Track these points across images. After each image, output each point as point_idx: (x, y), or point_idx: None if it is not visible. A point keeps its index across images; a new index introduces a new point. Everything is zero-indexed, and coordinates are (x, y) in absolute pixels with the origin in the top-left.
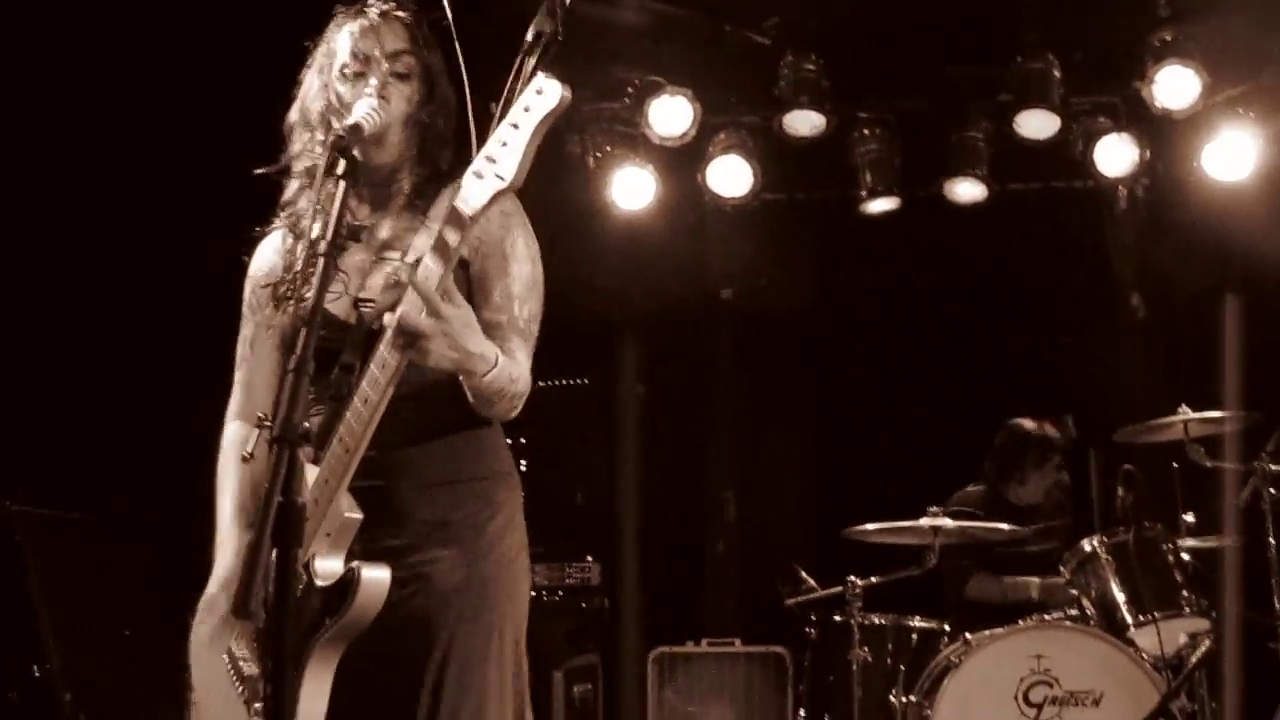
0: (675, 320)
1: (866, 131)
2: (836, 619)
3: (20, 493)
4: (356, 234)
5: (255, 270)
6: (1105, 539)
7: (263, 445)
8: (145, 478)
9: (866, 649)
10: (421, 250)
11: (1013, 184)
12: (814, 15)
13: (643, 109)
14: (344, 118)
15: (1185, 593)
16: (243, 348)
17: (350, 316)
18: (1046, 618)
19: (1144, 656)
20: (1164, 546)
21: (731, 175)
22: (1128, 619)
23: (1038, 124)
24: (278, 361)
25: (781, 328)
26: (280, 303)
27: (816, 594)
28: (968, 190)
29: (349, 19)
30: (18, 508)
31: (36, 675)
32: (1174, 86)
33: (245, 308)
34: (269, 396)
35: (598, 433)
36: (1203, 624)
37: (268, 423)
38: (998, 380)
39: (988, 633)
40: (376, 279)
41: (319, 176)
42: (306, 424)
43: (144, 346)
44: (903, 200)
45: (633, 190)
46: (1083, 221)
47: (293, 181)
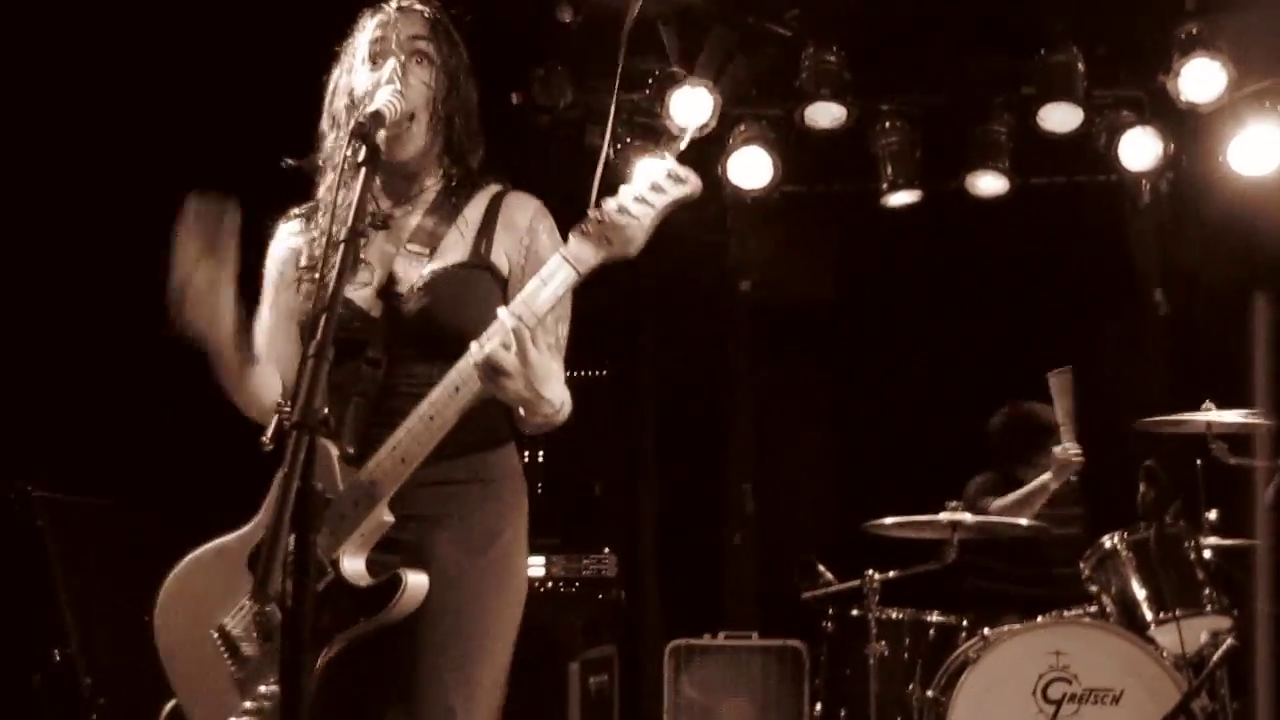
0: (694, 312)
1: (888, 124)
2: (854, 613)
3: (41, 478)
4: (381, 223)
5: (275, 250)
6: (1126, 535)
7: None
8: (165, 462)
9: (884, 643)
10: (455, 251)
11: (1035, 178)
12: (836, 6)
13: (663, 100)
14: (365, 107)
15: (1207, 590)
16: (263, 322)
17: (373, 307)
18: (1066, 614)
19: (1164, 654)
20: (1186, 544)
21: (752, 167)
22: (1148, 616)
23: (1061, 117)
24: (296, 344)
25: (801, 320)
26: (301, 287)
27: (834, 587)
28: (989, 184)
29: (371, 16)
30: (39, 493)
31: (57, 659)
32: (1200, 80)
33: (267, 283)
34: (287, 370)
35: (616, 424)
36: (1224, 622)
37: (286, 408)
38: (1018, 374)
39: (1006, 628)
40: (403, 271)
41: (340, 164)
42: (325, 410)
43: (164, 330)
44: (924, 193)
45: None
46: (1105, 216)
47: (324, 180)
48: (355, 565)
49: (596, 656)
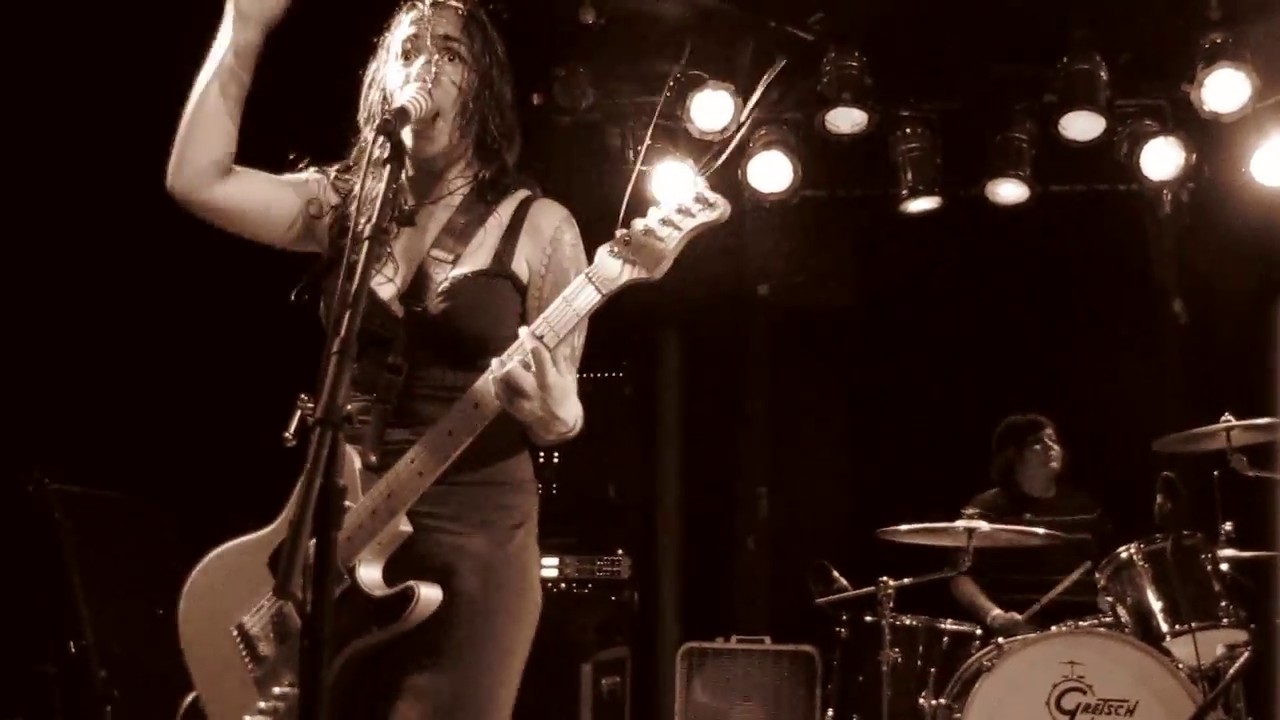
0: (712, 316)
1: (908, 130)
2: (867, 619)
3: (57, 469)
4: (407, 219)
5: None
6: (1142, 546)
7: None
8: (180, 455)
9: (897, 650)
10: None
11: (1055, 186)
12: (858, 12)
13: (684, 103)
14: (391, 104)
15: (1223, 603)
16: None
17: (395, 307)
18: (1081, 624)
19: (1180, 666)
20: (1203, 556)
21: (772, 171)
22: (1164, 628)
23: (1083, 125)
24: (271, 188)
25: (819, 325)
26: (327, 280)
27: (848, 593)
28: (1010, 191)
29: (407, 11)
30: (55, 485)
31: (72, 651)
32: (1224, 89)
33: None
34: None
35: (632, 427)
36: (1241, 635)
37: (309, 404)
38: (1036, 382)
39: (1020, 637)
40: (431, 274)
41: (365, 161)
42: (349, 407)
43: (177, 326)
44: (943, 200)
45: (673, 183)
46: (1126, 226)
47: (356, 173)
48: (371, 574)
49: (609, 658)
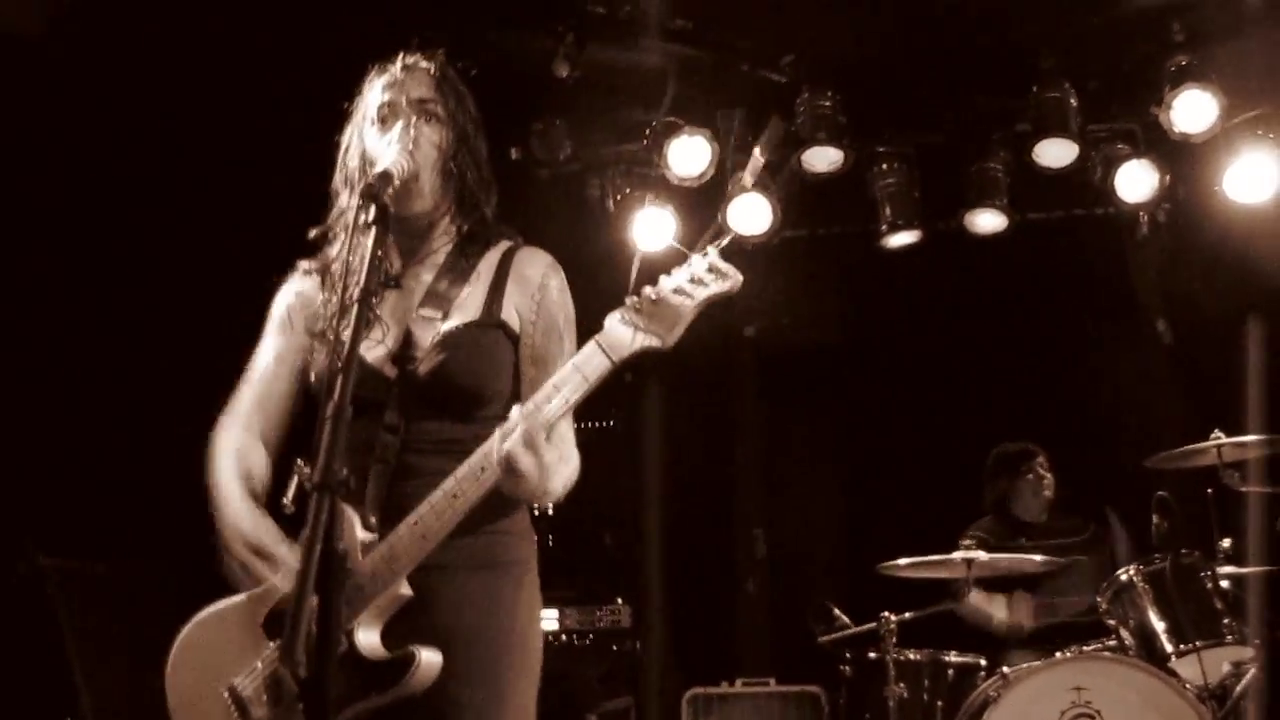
0: (700, 359)
1: (885, 165)
2: (871, 656)
3: (48, 543)
4: (395, 282)
5: (282, 297)
6: (1142, 568)
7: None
8: (170, 524)
9: (903, 685)
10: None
11: (1033, 213)
12: (829, 52)
13: (661, 150)
14: (374, 168)
15: (1226, 620)
16: (264, 361)
17: (388, 368)
18: (1085, 649)
19: (1187, 686)
20: (1202, 573)
21: (752, 213)
22: (1168, 648)
23: (1056, 152)
24: (288, 386)
25: (807, 364)
26: (316, 347)
27: (850, 631)
28: (988, 221)
29: (379, 75)
30: (49, 560)
31: None
32: (1192, 110)
33: (271, 325)
34: (278, 417)
35: (625, 474)
36: (1246, 652)
37: (306, 470)
38: (1026, 409)
39: (1025, 666)
40: (421, 331)
41: (351, 225)
42: (345, 470)
43: (166, 398)
44: (924, 233)
45: (653, 231)
46: (1105, 249)
47: (336, 240)
48: (370, 638)
49: (614, 708)
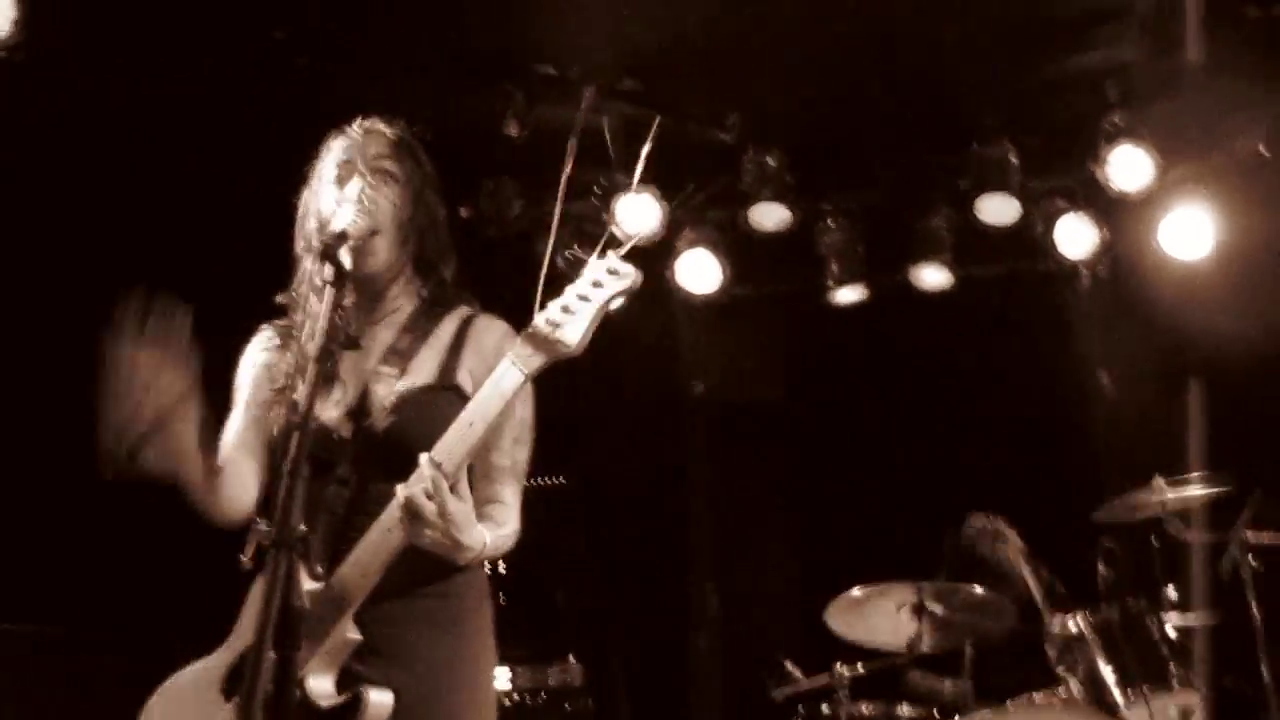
0: (649, 416)
1: (831, 222)
2: (824, 710)
3: None
4: (353, 343)
5: (249, 358)
6: (1089, 617)
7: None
8: (110, 591)
9: None
10: (422, 372)
11: (977, 268)
12: (774, 111)
13: (609, 207)
14: (330, 228)
15: (1173, 666)
16: (233, 427)
17: (343, 428)
18: (1037, 698)
19: None
20: (1148, 621)
21: (699, 270)
22: (1117, 695)
23: (998, 208)
24: (262, 451)
25: (755, 419)
26: (273, 409)
27: (803, 685)
28: (933, 276)
29: (336, 138)
30: None
31: None
32: (1128, 167)
33: (238, 392)
34: (258, 462)
35: (576, 532)
36: (1193, 698)
37: (262, 526)
38: (974, 465)
39: (978, 716)
40: (378, 391)
41: (308, 284)
42: (303, 527)
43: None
44: (869, 289)
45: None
46: (1047, 303)
47: (299, 302)
48: (321, 684)
49: None
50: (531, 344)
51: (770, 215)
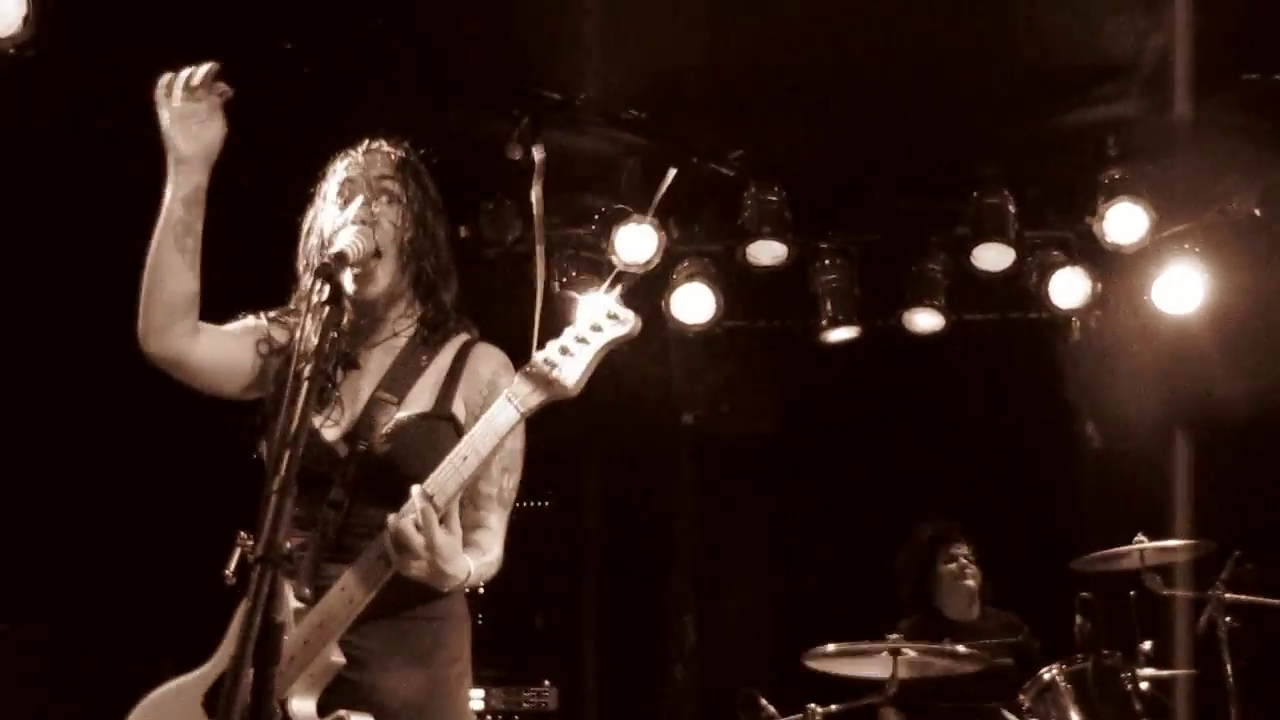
0: (637, 445)
1: (827, 262)
2: None
3: None
4: (351, 363)
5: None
6: (1064, 667)
7: None
8: (98, 592)
9: None
10: (420, 400)
11: (970, 314)
12: (777, 149)
13: (608, 236)
14: (330, 248)
15: None
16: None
17: (340, 448)
18: None
19: None
20: (1122, 675)
21: (694, 303)
22: None
23: (994, 257)
24: (240, 343)
25: (743, 454)
26: (267, 422)
27: None
28: (926, 320)
29: (341, 159)
30: None
31: None
32: (1124, 222)
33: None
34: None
35: (558, 556)
36: None
37: (249, 541)
38: (957, 508)
39: None
40: (375, 418)
41: (306, 305)
42: (289, 545)
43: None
44: (862, 329)
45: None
46: (1038, 352)
47: (297, 320)
48: (304, 707)
49: None
50: (529, 383)
51: (767, 251)
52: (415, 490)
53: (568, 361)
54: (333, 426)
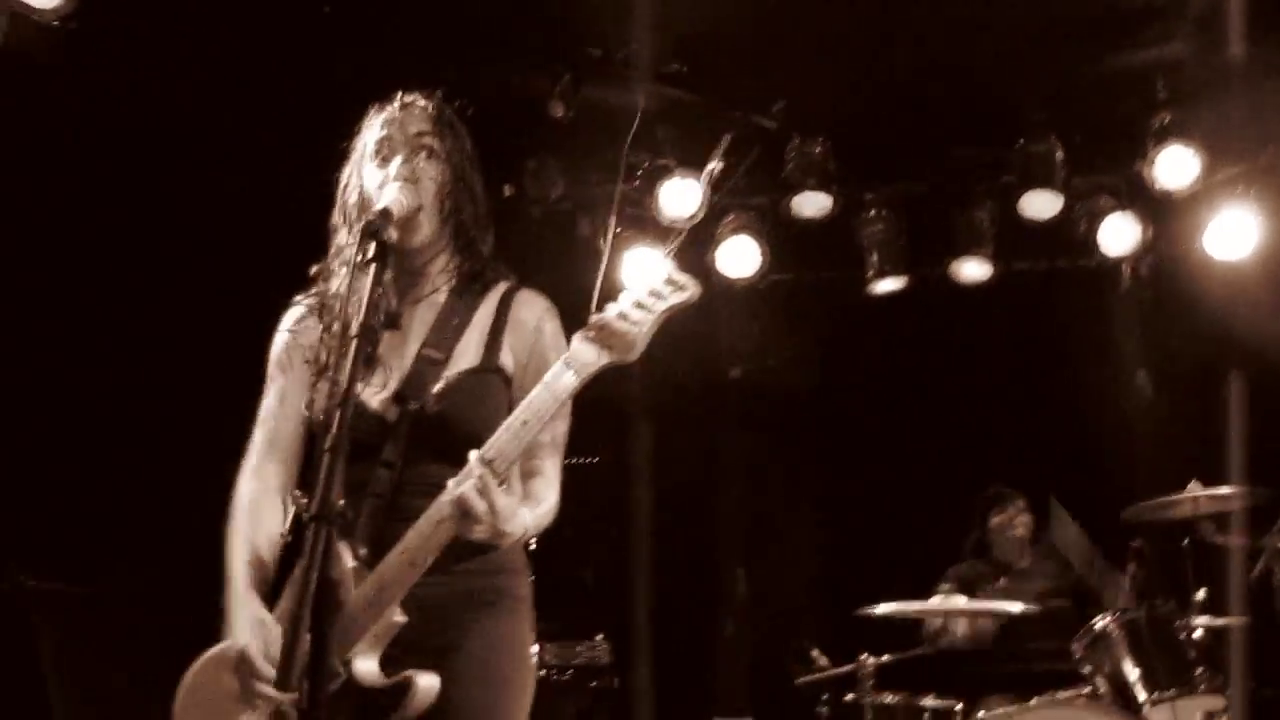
0: (685, 399)
1: (873, 213)
2: (848, 698)
3: (27, 568)
4: (394, 322)
5: (281, 336)
6: (1118, 616)
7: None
8: (152, 550)
9: None
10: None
11: (1018, 263)
12: (820, 99)
13: (653, 191)
14: (374, 205)
15: (1199, 670)
16: (268, 405)
17: (389, 412)
18: (1059, 694)
19: None
20: (1176, 623)
21: (740, 256)
22: (1141, 696)
23: (1041, 204)
24: (299, 425)
25: (790, 406)
26: (317, 386)
27: (828, 673)
28: (973, 270)
29: (377, 113)
30: (32, 583)
31: None
32: (1174, 166)
33: (272, 367)
34: (290, 458)
35: (608, 511)
36: (1219, 702)
37: (303, 500)
38: (1006, 457)
39: (1000, 711)
40: (418, 375)
41: (351, 261)
42: (343, 503)
43: (159, 420)
44: (909, 280)
45: (644, 268)
46: (1088, 300)
47: (334, 277)
48: (368, 666)
49: None
50: (587, 348)
51: (812, 203)
52: (474, 457)
53: (628, 328)
54: (380, 389)
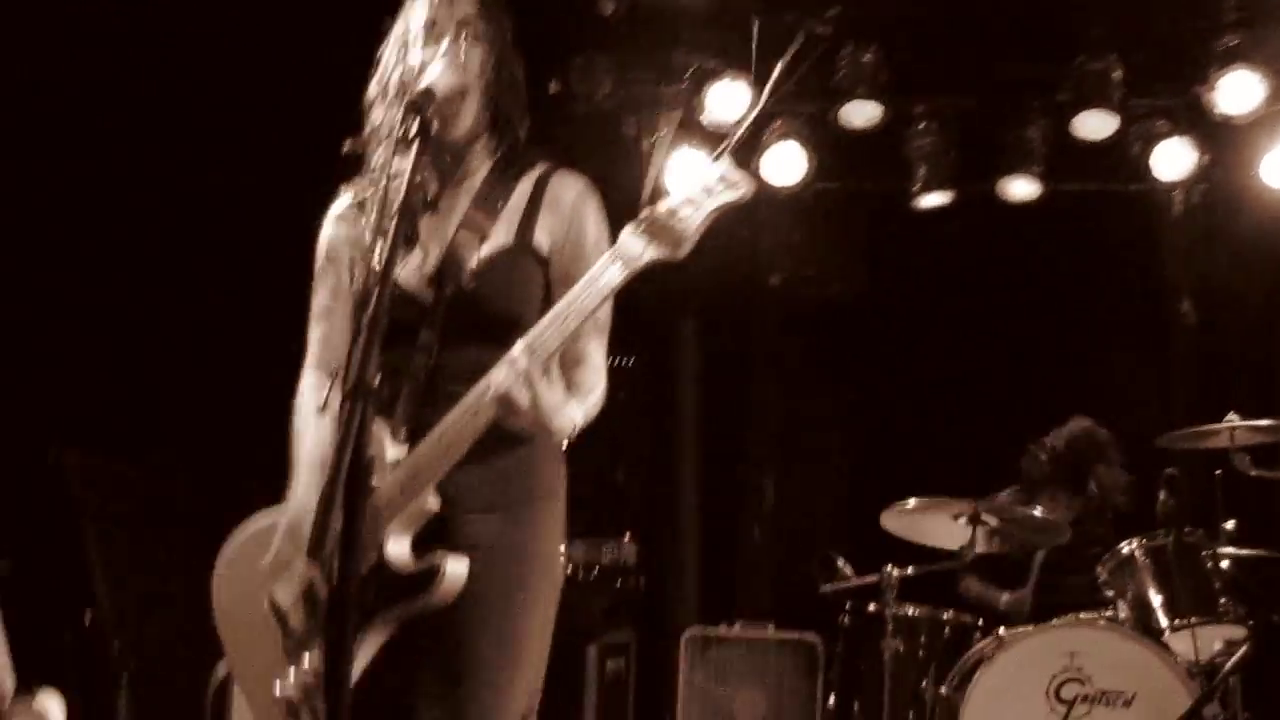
0: (725, 305)
1: (922, 125)
2: (871, 609)
3: (71, 440)
4: (433, 204)
5: (328, 229)
6: (1144, 542)
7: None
8: (196, 425)
9: (899, 640)
10: (502, 234)
11: (1067, 184)
12: (875, 7)
13: (700, 93)
14: (418, 84)
15: (1223, 600)
16: (321, 301)
17: (424, 292)
18: (1081, 616)
19: (1178, 660)
20: (1203, 552)
21: (785, 163)
22: (1163, 622)
23: (1096, 124)
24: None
25: (829, 316)
26: (357, 269)
27: (852, 582)
28: (1021, 188)
29: None
30: (73, 455)
31: (87, 621)
32: (1237, 91)
33: (321, 259)
34: (345, 350)
35: (642, 413)
36: (1239, 632)
37: (340, 376)
38: (1042, 379)
39: (1021, 629)
40: (454, 256)
41: (392, 141)
42: (379, 379)
43: (193, 297)
44: (955, 195)
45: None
46: (1136, 225)
47: (373, 154)
48: (399, 548)
49: (614, 641)
50: (635, 240)
51: (861, 112)
52: (517, 347)
53: (678, 222)
54: (417, 271)
